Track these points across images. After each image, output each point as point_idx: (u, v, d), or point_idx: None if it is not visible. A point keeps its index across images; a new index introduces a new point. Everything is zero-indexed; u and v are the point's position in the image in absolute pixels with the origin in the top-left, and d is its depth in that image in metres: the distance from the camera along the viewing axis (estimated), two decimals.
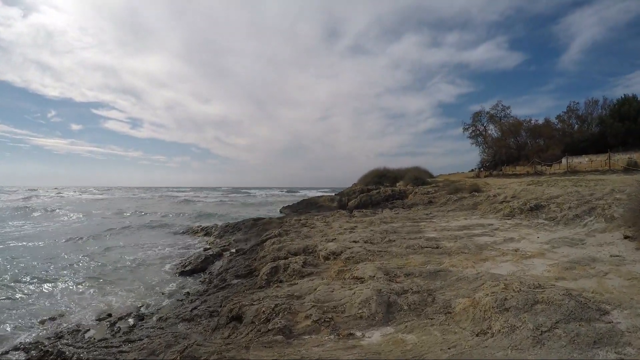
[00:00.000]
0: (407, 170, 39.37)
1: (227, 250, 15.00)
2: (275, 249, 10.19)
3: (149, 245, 17.75)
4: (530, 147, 42.99)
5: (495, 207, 15.79)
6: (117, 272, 12.61)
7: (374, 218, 16.15)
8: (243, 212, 36.70)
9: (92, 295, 10.04)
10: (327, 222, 16.22)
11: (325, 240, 10.60)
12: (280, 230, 13.63)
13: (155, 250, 16.43)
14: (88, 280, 11.49)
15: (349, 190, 34.18)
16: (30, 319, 8.26)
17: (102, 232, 22.01)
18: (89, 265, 13.45)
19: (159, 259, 14.82)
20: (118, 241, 18.91)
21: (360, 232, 11.83)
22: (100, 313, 8.61)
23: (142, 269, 13.08)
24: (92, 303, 9.38)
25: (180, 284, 11.06)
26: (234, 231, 19.22)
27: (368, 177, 40.24)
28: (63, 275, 12.05)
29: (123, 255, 15.29)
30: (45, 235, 20.69)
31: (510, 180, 29.72)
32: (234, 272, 10.29)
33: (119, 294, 10.10)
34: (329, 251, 8.83)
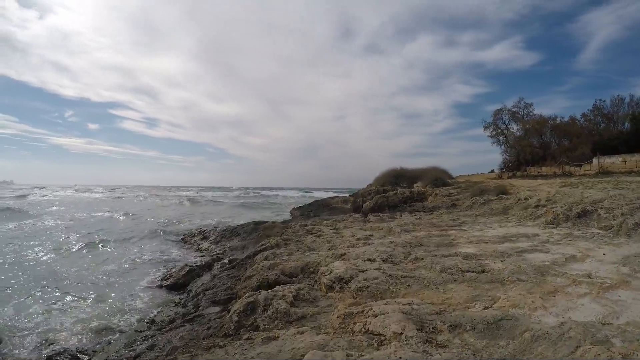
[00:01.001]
0: (425, 170, 37.08)
1: (220, 259, 12.89)
2: (265, 266, 7.93)
3: (136, 251, 15.76)
4: (556, 146, 40.49)
5: (532, 213, 13.73)
6: (84, 285, 10.73)
7: (393, 224, 13.74)
8: (249, 214, 34.93)
9: (39, 317, 8.25)
10: (337, 228, 13.85)
11: (332, 256, 8.28)
12: (279, 240, 11.29)
13: (141, 256, 14.51)
14: (45, 295, 9.78)
15: (363, 191, 32.08)
16: None
17: (82, 235, 20.05)
18: (56, 276, 11.53)
19: (144, 265, 13.06)
20: (102, 245, 16.92)
21: (377, 244, 9.49)
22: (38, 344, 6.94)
23: (121, 280, 11.34)
24: (38, 329, 7.65)
25: (151, 305, 9.15)
26: (232, 236, 17.03)
27: (384, 177, 38.08)
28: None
29: (100, 263, 13.36)
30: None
31: (537, 181, 27.54)
32: (212, 295, 8.13)
33: (74, 317, 8.30)
34: (335, 276, 6.49)
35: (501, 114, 48.16)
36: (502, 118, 48.26)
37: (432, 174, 34.72)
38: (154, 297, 9.71)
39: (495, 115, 48.57)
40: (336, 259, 8.07)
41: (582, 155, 33.04)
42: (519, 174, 38.23)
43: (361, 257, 7.90)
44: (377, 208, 24.53)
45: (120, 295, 9.83)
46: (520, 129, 45.84)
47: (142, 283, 10.96)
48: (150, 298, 9.61)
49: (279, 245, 10.63)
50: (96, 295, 9.81)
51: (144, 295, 9.82)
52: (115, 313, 8.52)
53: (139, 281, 11.12)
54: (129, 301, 9.36)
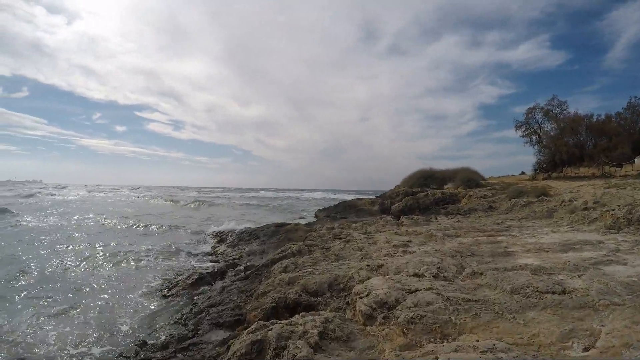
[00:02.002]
0: (456, 171, 35.29)
1: (235, 266, 11.41)
2: (284, 280, 6.37)
3: (142, 253, 14.16)
4: (593, 145, 38.33)
5: (584, 216, 12.24)
6: (81, 293, 9.38)
7: (432, 228, 12.03)
8: (270, 216, 33.59)
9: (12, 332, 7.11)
10: (367, 232, 12.22)
11: (367, 269, 6.64)
12: (302, 245, 9.65)
13: (146, 259, 13.04)
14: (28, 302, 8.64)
15: (391, 193, 30.58)
16: None
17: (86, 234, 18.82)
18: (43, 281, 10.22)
19: (148, 270, 11.65)
20: (113, 242, 15.66)
21: (420, 253, 7.85)
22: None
23: (120, 285, 10.04)
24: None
25: (147, 320, 7.74)
26: (251, 239, 15.49)
27: (412, 178, 36.40)
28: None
29: (96, 266, 12.00)
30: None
31: (576, 183, 25.63)
32: (216, 314, 6.57)
33: (53, 332, 7.11)
34: (375, 300, 4.84)
35: (534, 112, 45.93)
36: (535, 117, 46.06)
37: (463, 175, 32.98)
38: (153, 310, 8.31)
39: (528, 114, 46.26)
40: (372, 272, 6.47)
41: (622, 155, 31.18)
42: (554, 175, 36.29)
43: (404, 271, 6.28)
44: (407, 210, 23.06)
45: (114, 306, 8.48)
46: (554, 127, 43.67)
47: (143, 291, 9.61)
48: (149, 311, 8.21)
49: (302, 253, 9.04)
50: (86, 304, 8.50)
51: (143, 307, 8.45)
52: (103, 329, 7.22)
53: (139, 289, 9.74)
54: (123, 315, 8.00)
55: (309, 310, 5.47)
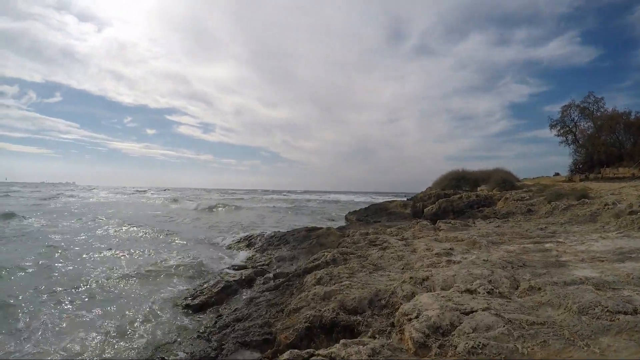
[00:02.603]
0: (490, 173, 34.21)
1: (263, 273, 10.77)
2: (318, 295, 5.70)
3: (165, 257, 13.71)
4: (633, 144, 36.79)
5: (632, 220, 11.45)
6: (94, 300, 8.79)
7: (473, 234, 11.22)
8: (300, 218, 32.83)
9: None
10: (405, 238, 11.46)
11: (412, 282, 5.92)
12: (336, 253, 8.97)
13: (169, 263, 12.33)
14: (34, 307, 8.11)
15: (423, 195, 29.62)
16: None
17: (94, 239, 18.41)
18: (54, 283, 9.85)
19: (175, 277, 10.92)
20: (132, 248, 15.04)
21: (466, 263, 7.08)
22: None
23: (139, 293, 9.32)
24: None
25: (166, 334, 7.07)
26: (280, 244, 14.85)
27: (444, 180, 35.50)
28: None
29: (117, 268, 11.50)
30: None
31: (617, 184, 24.20)
32: (243, 331, 5.90)
33: (55, 345, 6.54)
34: (427, 323, 4.12)
35: (569, 110, 44.26)
36: (571, 115, 44.40)
37: (497, 176, 31.93)
38: (174, 321, 7.67)
39: (563, 112, 44.62)
40: (417, 286, 5.76)
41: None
42: (592, 176, 34.92)
43: (454, 286, 5.55)
44: (440, 213, 22.20)
45: (131, 315, 7.90)
46: (591, 126, 42.02)
47: (164, 299, 8.99)
48: (170, 322, 7.60)
49: (336, 261, 8.35)
50: (99, 313, 7.98)
51: (163, 318, 7.85)
52: (118, 341, 6.71)
53: (160, 297, 9.14)
54: (140, 325, 7.43)
55: (348, 331, 4.81)
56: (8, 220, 22.05)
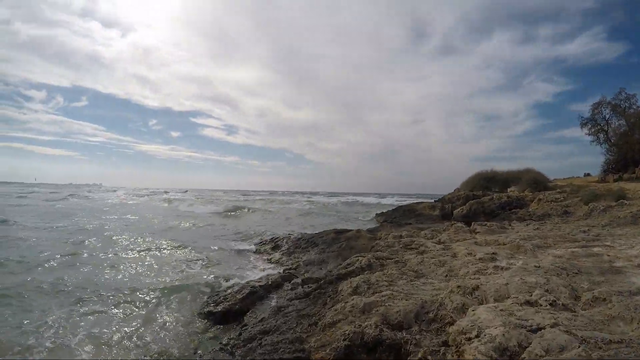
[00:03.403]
0: (520, 173, 33.24)
1: (291, 278, 10.16)
2: (357, 307, 5.07)
3: (183, 259, 13.25)
4: None
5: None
6: (107, 303, 8.43)
7: (515, 237, 10.44)
8: (326, 220, 32.16)
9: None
10: (441, 241, 10.77)
11: (459, 292, 5.25)
12: (371, 258, 8.31)
13: (189, 267, 11.98)
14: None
15: (451, 196, 28.92)
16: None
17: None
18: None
19: (196, 281, 10.28)
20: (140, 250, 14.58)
21: (517, 269, 6.39)
22: None
23: (158, 299, 8.78)
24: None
25: (189, 343, 6.70)
26: (308, 247, 14.25)
27: (473, 181, 34.62)
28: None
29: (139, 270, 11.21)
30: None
31: None
32: (271, 346, 5.24)
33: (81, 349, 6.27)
34: (492, 345, 3.45)
35: (600, 108, 42.92)
36: (602, 112, 43.06)
37: (529, 176, 31.03)
38: (195, 329, 7.24)
39: (594, 110, 43.29)
40: (466, 296, 5.10)
41: None
42: (626, 176, 33.79)
43: (508, 295, 4.91)
44: (471, 215, 21.54)
45: (149, 323, 7.41)
46: (623, 124, 40.70)
47: (185, 305, 8.51)
48: (190, 331, 7.14)
49: (372, 267, 7.69)
50: (116, 318, 7.61)
51: (183, 326, 7.38)
52: (133, 351, 6.26)
53: (181, 303, 8.64)
54: (158, 334, 6.96)
55: (393, 351, 4.18)
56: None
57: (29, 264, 11.29)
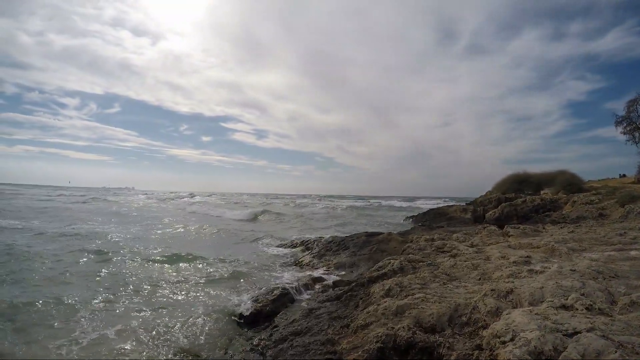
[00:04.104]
0: (553, 175, 32.54)
1: (322, 280, 10.30)
2: (390, 310, 5.03)
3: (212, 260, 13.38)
4: None
5: None
6: (137, 304, 8.64)
7: (549, 240, 10.20)
8: (358, 223, 32.26)
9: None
10: (474, 245, 10.60)
11: (493, 295, 5.17)
12: (403, 261, 8.27)
13: (228, 270, 11.89)
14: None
15: (483, 199, 28.54)
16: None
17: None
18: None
19: (227, 283, 10.46)
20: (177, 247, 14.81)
21: (551, 272, 6.26)
22: None
23: (189, 300, 8.98)
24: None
25: (220, 343, 6.74)
26: (339, 249, 14.21)
27: (505, 183, 34.01)
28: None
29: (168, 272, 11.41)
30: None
31: None
32: (303, 347, 5.29)
33: (112, 347, 6.44)
34: (527, 349, 3.37)
35: (636, 105, 41.69)
36: (637, 110, 41.79)
37: (562, 178, 30.45)
38: (227, 330, 7.30)
39: (629, 108, 42.09)
40: (500, 299, 5.01)
41: None
42: None
43: (543, 299, 4.80)
44: (503, 218, 21.12)
45: (180, 322, 7.49)
46: None
47: (215, 306, 8.52)
48: (221, 332, 7.19)
49: (405, 270, 7.64)
50: (146, 319, 7.69)
51: (214, 326, 7.41)
52: (164, 351, 6.35)
53: (211, 304, 8.70)
54: (189, 333, 7.04)
55: (426, 353, 4.15)
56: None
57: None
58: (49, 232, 18.59)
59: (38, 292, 8.88)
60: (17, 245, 14.04)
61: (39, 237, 16.67)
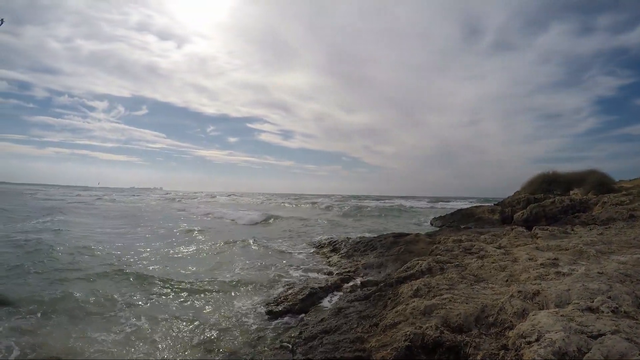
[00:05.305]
0: (583, 174, 31.76)
1: (350, 279, 10.47)
2: (418, 309, 5.16)
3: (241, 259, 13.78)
4: None
5: None
6: (165, 300, 8.97)
7: (578, 243, 10.12)
8: (385, 223, 32.37)
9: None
10: (502, 246, 10.60)
11: (520, 296, 5.24)
12: (431, 262, 8.34)
13: (258, 269, 12.31)
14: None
15: (511, 200, 28.07)
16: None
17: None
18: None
19: (257, 281, 10.75)
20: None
21: (578, 274, 6.30)
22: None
23: (220, 297, 9.32)
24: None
25: (251, 340, 6.89)
26: (367, 250, 14.31)
27: (533, 183, 33.32)
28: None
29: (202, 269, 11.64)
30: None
31: None
32: (331, 345, 5.47)
33: (139, 346, 6.61)
34: (552, 349, 3.48)
35: None
36: None
37: (593, 178, 29.81)
38: (257, 327, 7.49)
39: None
40: (527, 301, 5.09)
41: None
42: None
43: (569, 301, 4.87)
44: (531, 219, 20.75)
45: (211, 319, 7.79)
46: None
47: (246, 304, 8.83)
48: (251, 328, 7.40)
49: (432, 271, 7.74)
50: (175, 312, 8.10)
51: (244, 323, 7.68)
52: (194, 346, 6.62)
53: (242, 301, 8.99)
54: (219, 330, 7.29)
55: (452, 353, 4.28)
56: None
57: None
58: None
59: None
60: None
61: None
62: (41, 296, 8.42)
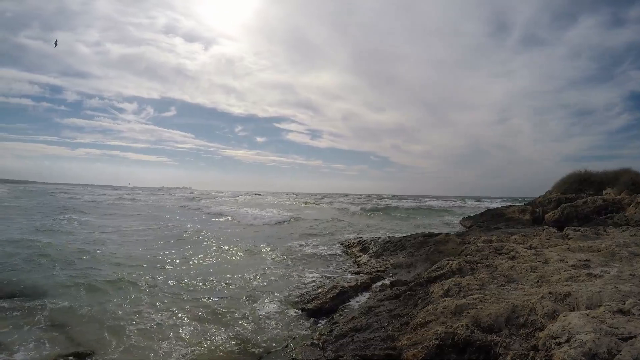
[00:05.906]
0: (617, 174, 30.87)
1: (380, 279, 10.54)
2: (448, 309, 5.22)
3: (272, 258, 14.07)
4: None
5: None
6: (198, 298, 9.10)
7: (610, 244, 9.91)
8: (414, 223, 32.17)
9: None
10: (532, 247, 10.46)
11: (551, 298, 5.26)
12: (461, 262, 8.35)
13: (288, 268, 12.50)
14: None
15: (542, 200, 27.55)
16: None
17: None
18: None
19: (287, 280, 11.02)
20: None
21: (610, 276, 6.27)
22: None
23: (251, 295, 9.48)
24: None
25: (282, 337, 7.08)
26: (396, 250, 14.28)
27: (565, 183, 32.56)
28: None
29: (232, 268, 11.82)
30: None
31: None
32: (362, 343, 5.58)
33: (173, 343, 6.75)
34: (582, 350, 3.52)
35: None
36: None
37: (627, 177, 29.08)
38: (288, 324, 7.66)
39: None
40: (557, 302, 5.11)
41: None
42: None
43: (601, 303, 4.89)
44: (563, 219, 20.31)
45: (242, 316, 7.98)
46: None
47: (277, 302, 8.98)
48: (283, 326, 7.57)
49: (463, 271, 7.76)
50: (205, 308, 8.32)
51: (276, 320, 7.86)
52: (228, 343, 6.75)
53: (273, 300, 9.11)
54: (252, 327, 7.47)
55: (482, 352, 4.34)
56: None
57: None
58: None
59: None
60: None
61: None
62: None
